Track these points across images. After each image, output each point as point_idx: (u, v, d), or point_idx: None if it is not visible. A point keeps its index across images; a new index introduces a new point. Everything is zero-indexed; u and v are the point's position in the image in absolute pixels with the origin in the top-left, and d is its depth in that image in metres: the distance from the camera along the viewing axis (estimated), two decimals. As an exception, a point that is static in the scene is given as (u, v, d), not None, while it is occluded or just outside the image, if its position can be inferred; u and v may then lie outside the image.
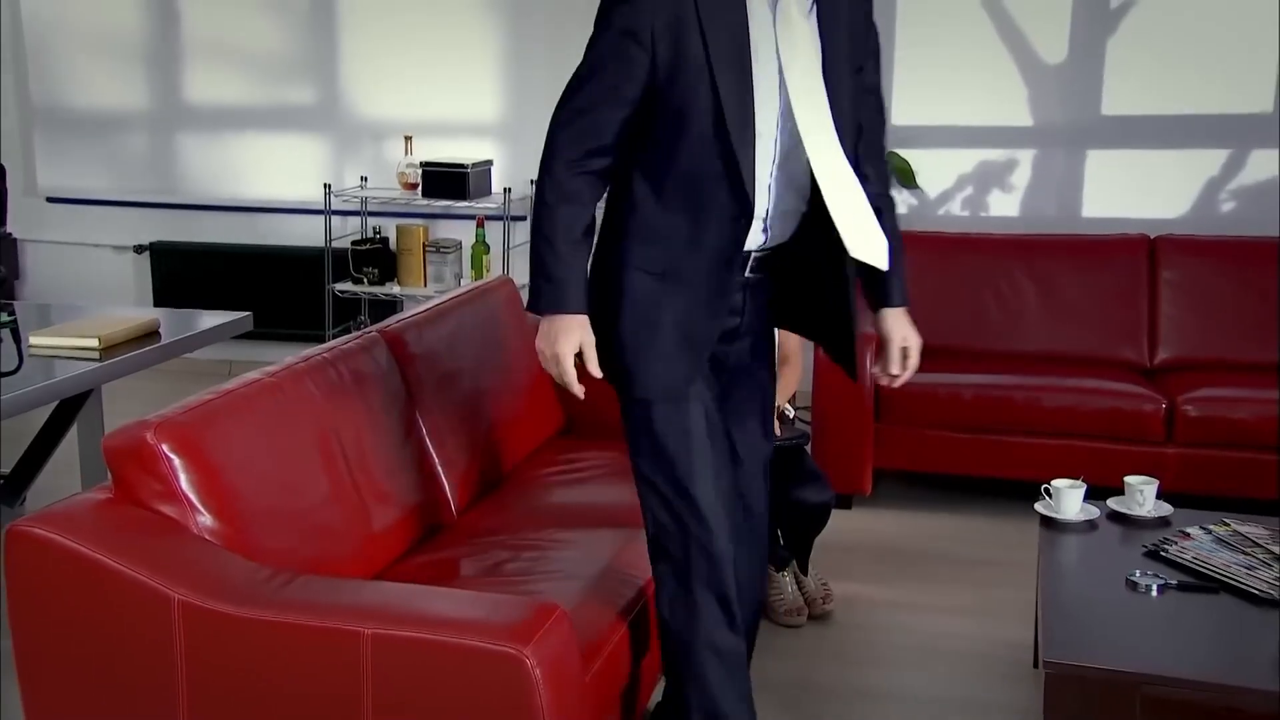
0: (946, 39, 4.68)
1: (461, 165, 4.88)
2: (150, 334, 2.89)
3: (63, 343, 2.72)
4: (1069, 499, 2.69)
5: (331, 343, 2.65)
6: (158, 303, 5.35)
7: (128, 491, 2.03)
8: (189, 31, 5.26)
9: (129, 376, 2.79)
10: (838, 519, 3.86)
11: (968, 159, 4.76)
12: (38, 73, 5.38)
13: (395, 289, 5.09)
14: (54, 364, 2.65)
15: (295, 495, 2.26)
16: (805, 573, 3.25)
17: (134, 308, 4.19)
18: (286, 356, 2.48)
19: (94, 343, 2.70)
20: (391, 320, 2.90)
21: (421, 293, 5.04)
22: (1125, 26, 4.48)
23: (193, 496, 2.04)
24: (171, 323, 3.06)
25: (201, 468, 2.06)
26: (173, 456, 2.03)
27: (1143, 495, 2.70)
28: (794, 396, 3.26)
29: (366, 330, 2.79)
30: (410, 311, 3.00)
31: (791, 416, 3.16)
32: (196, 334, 2.99)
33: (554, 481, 3.02)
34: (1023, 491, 3.87)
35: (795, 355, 3.13)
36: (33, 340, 2.71)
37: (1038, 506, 2.76)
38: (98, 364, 2.64)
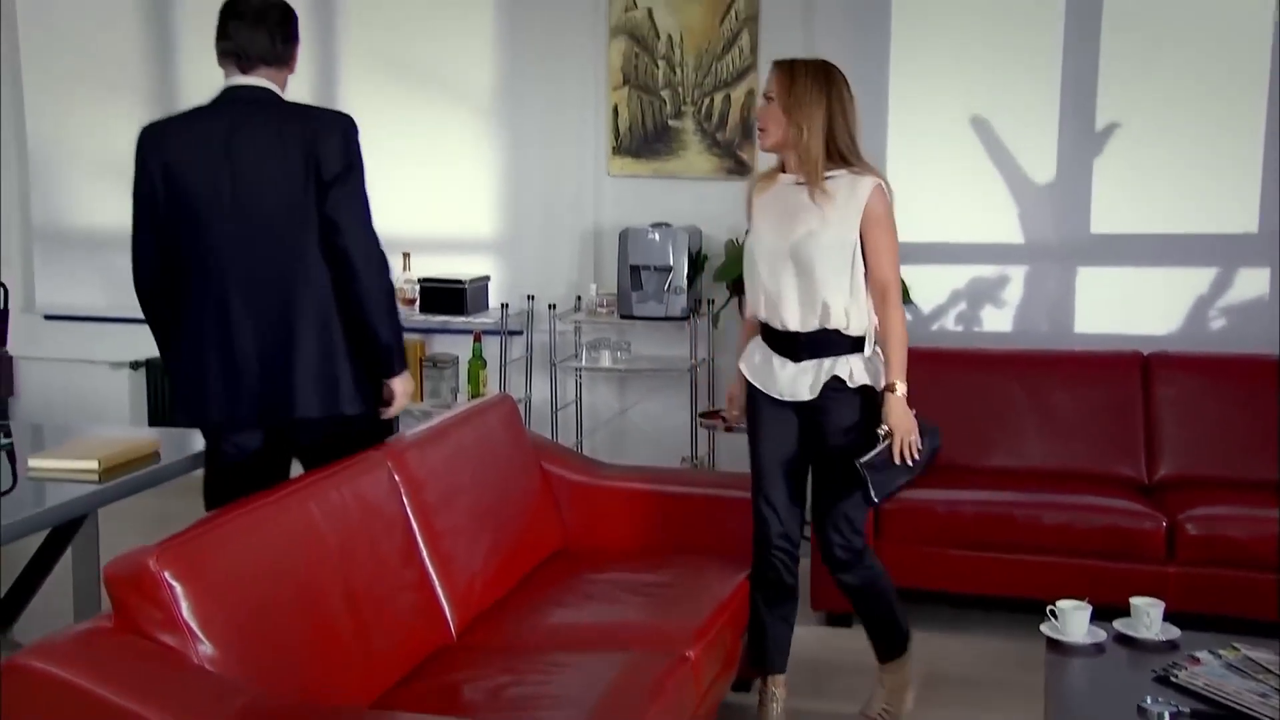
0: (937, 157, 4.78)
1: (459, 281, 4.93)
2: (149, 455, 2.88)
3: (63, 465, 2.70)
4: (1075, 621, 2.67)
5: (333, 464, 2.64)
6: (152, 419, 5.33)
7: (128, 620, 2.01)
8: (192, 151, 5.33)
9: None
10: (834, 637, 3.83)
11: (960, 275, 4.82)
12: (39, 192, 5.45)
13: (391, 404, 5.08)
14: (53, 487, 2.64)
15: (297, 621, 2.23)
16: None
17: (129, 427, 4.18)
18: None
19: (94, 465, 2.69)
20: (393, 440, 2.90)
21: (418, 408, 5.04)
22: (1111, 148, 4.59)
23: (194, 625, 2.01)
24: (170, 443, 3.05)
25: (203, 595, 2.04)
26: (175, 584, 2.01)
27: (1149, 617, 2.68)
28: None
29: (369, 450, 2.78)
30: (411, 431, 3.00)
31: None
32: (195, 454, 2.97)
33: (554, 602, 2.99)
34: (1022, 609, 3.84)
35: None
36: (32, 463, 2.70)
37: (1043, 628, 2.73)
38: (98, 487, 2.63)
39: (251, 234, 2.76)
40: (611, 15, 5.02)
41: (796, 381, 2.97)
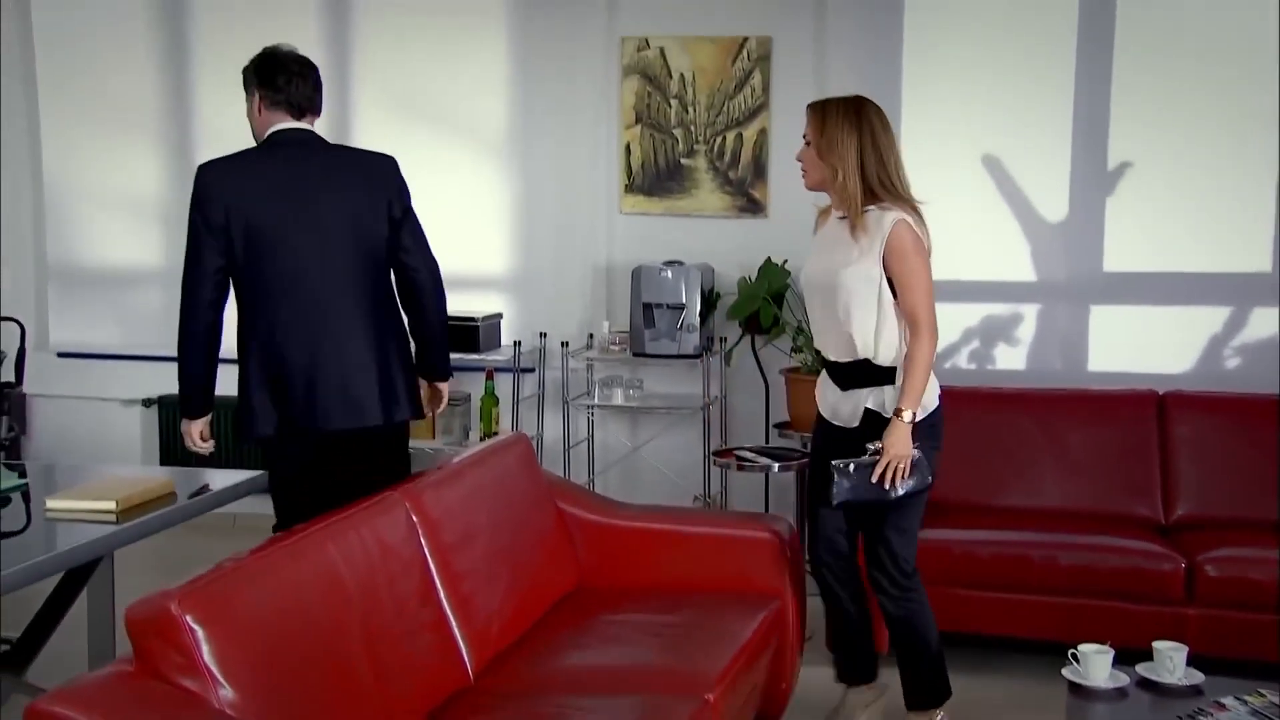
0: (948, 196, 4.77)
1: (472, 318, 4.94)
2: (166, 495, 2.87)
3: (80, 506, 2.70)
4: (1097, 665, 2.65)
5: (351, 505, 2.64)
6: (165, 456, 5.33)
7: (149, 664, 1.99)
8: (206, 189, 5.36)
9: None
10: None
11: (973, 313, 4.82)
12: (54, 229, 5.47)
13: (403, 441, 5.07)
14: (71, 528, 2.63)
15: (317, 664, 2.22)
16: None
17: (142, 465, 4.17)
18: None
19: (111, 505, 2.69)
20: (410, 480, 2.89)
21: (430, 445, 5.03)
22: (1123, 187, 4.60)
23: (215, 669, 2.00)
24: (185, 482, 3.05)
25: (224, 639, 2.03)
26: (196, 628, 2.00)
27: (1172, 662, 2.66)
28: None
29: (386, 491, 2.78)
30: (428, 471, 3.00)
31: None
32: (213, 494, 2.97)
33: (571, 644, 2.97)
34: (1039, 650, 3.82)
35: None
36: (50, 503, 2.69)
37: (1065, 672, 2.71)
38: (116, 528, 2.62)
39: (327, 259, 3.13)
40: (624, 55, 5.05)
41: (841, 408, 3.12)
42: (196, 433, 3.19)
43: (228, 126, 5.32)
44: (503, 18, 5.13)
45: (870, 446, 3.00)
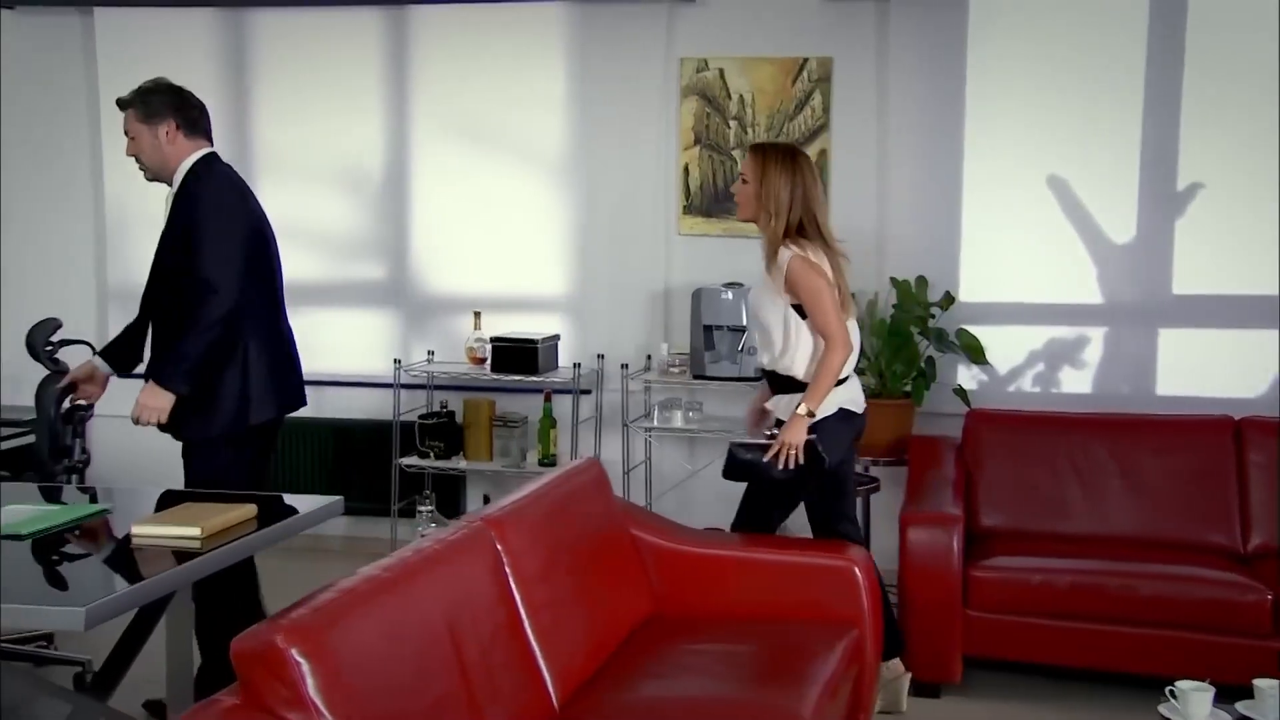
0: (1013, 217, 4.76)
1: (531, 340, 4.93)
2: (248, 522, 2.86)
3: (165, 533, 2.68)
4: (1197, 703, 2.59)
5: (439, 532, 2.62)
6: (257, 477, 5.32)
7: (255, 697, 1.98)
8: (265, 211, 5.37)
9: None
10: (925, 708, 3.74)
11: (1037, 336, 4.77)
12: (115, 252, 5.50)
13: (461, 463, 5.07)
14: (158, 556, 2.62)
15: (414, 696, 2.20)
16: None
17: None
18: (354, 530, 2.44)
19: (196, 532, 2.67)
20: (493, 509, 2.87)
21: (488, 467, 5.02)
22: (1193, 209, 4.54)
23: (319, 702, 1.98)
24: (263, 507, 3.03)
25: (328, 672, 2.01)
26: (301, 661, 1.98)
27: (1276, 701, 2.60)
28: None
29: (471, 519, 2.76)
30: (509, 498, 2.97)
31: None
32: (295, 519, 2.96)
33: (653, 674, 2.92)
34: (1118, 683, 3.75)
35: None
36: (136, 530, 2.68)
37: (1162, 709, 2.65)
38: (202, 556, 2.61)
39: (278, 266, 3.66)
40: (683, 76, 5.05)
41: (779, 410, 3.58)
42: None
43: (285, 150, 5.38)
44: (562, 39, 5.13)
45: (767, 432, 3.53)
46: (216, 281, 3.31)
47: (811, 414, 3.41)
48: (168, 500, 3.16)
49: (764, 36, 4.95)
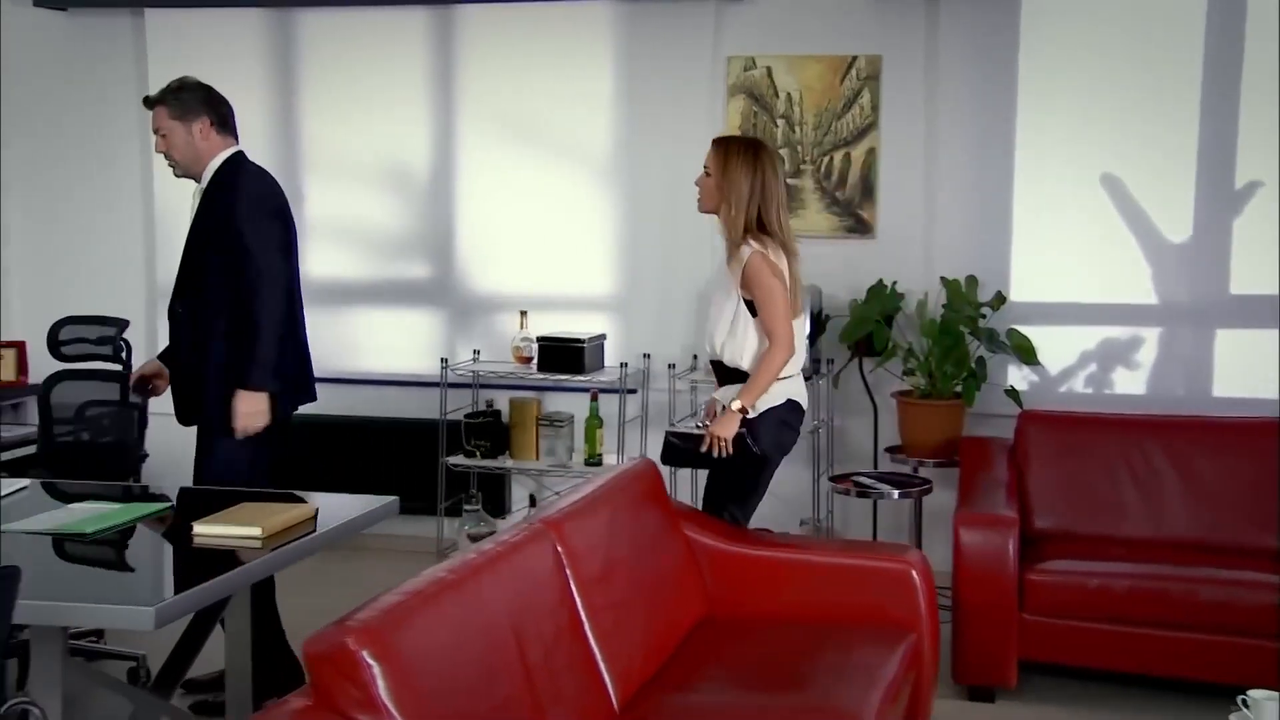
0: (1065, 215, 4.71)
1: (578, 340, 4.92)
2: (308, 521, 2.86)
3: (227, 532, 2.69)
4: (1271, 713, 2.55)
5: (500, 534, 2.62)
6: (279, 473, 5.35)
7: (326, 699, 1.97)
8: (311, 210, 5.41)
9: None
10: (979, 713, 3.71)
11: (1090, 336, 4.72)
12: (164, 251, 5.52)
13: (507, 462, 5.07)
14: (221, 555, 2.62)
15: (480, 697, 2.19)
16: None
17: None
18: (400, 529, 2.42)
19: (257, 532, 2.68)
20: (552, 510, 2.86)
21: (534, 466, 5.02)
22: (1251, 207, 4.48)
23: (390, 704, 1.97)
24: (321, 507, 3.03)
25: (398, 674, 2.00)
26: (372, 663, 1.97)
27: (1353, 708, 2.55)
28: None
29: (531, 520, 2.75)
30: (567, 499, 2.97)
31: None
32: (351, 520, 2.96)
33: (710, 677, 2.91)
34: (1178, 690, 3.70)
35: None
36: (198, 529, 2.69)
37: (1234, 719, 2.60)
38: (263, 557, 2.61)
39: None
40: (730, 74, 5.02)
41: (724, 400, 3.56)
42: None
43: (332, 149, 5.40)
44: (609, 37, 5.12)
45: (700, 423, 3.59)
46: (267, 269, 3.38)
47: (744, 410, 3.42)
48: (185, 498, 3.16)
49: (812, 34, 4.92)
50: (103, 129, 5.59)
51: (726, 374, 3.57)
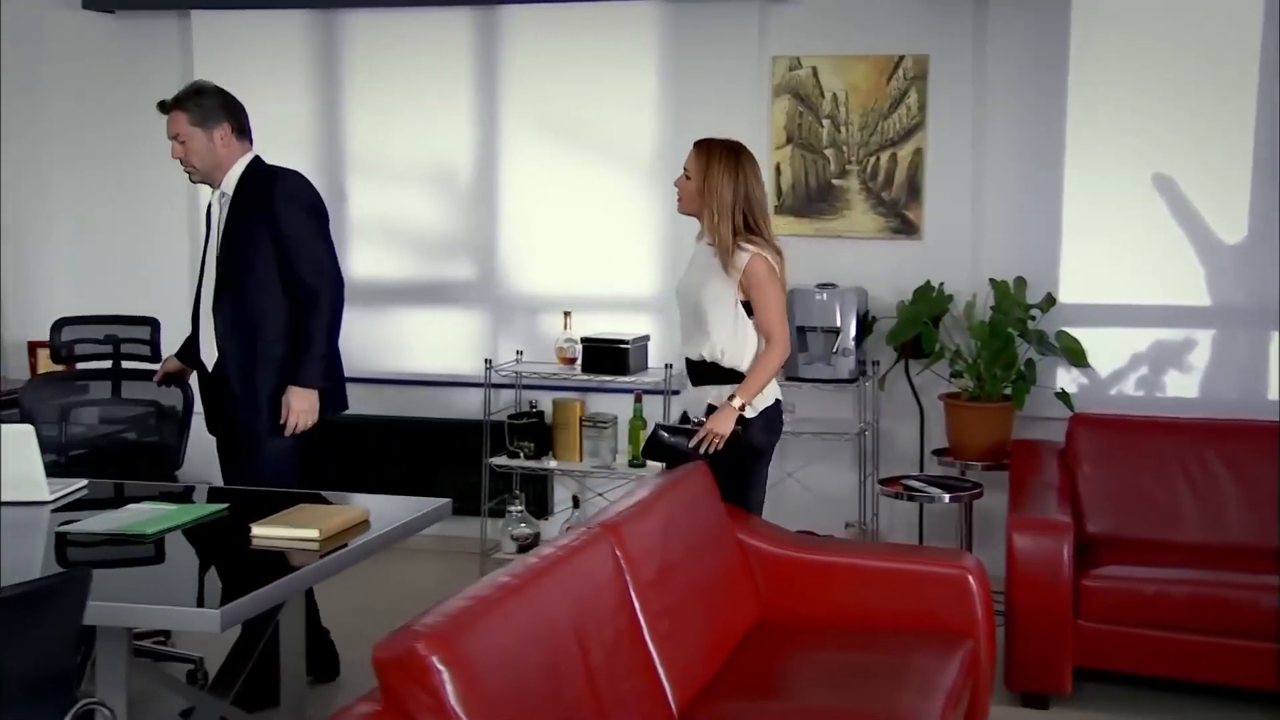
0: (1115, 216, 4.65)
1: (622, 341, 4.90)
2: (362, 524, 2.86)
3: (284, 534, 2.69)
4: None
5: (560, 538, 2.61)
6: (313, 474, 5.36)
7: (396, 704, 1.97)
8: (355, 211, 5.42)
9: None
10: (1030, 717, 3.66)
11: (1141, 338, 4.66)
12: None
13: (551, 463, 5.06)
14: (280, 558, 2.62)
15: (546, 701, 2.18)
16: None
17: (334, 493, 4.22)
18: (444, 529, 2.39)
19: (314, 535, 2.68)
20: (609, 514, 2.85)
21: (578, 467, 5.00)
22: (1309, 207, 4.41)
23: (459, 709, 1.97)
24: (374, 509, 3.03)
25: (467, 678, 1.99)
26: (442, 669, 1.97)
27: None
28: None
29: (590, 524, 2.74)
30: (623, 503, 2.95)
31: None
32: (407, 522, 2.95)
33: (768, 683, 2.90)
34: (1237, 698, 3.65)
35: None
36: (256, 531, 2.69)
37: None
38: (321, 559, 2.61)
39: None
40: (775, 74, 4.99)
41: (700, 402, 3.59)
42: None
43: (376, 149, 5.41)
44: (653, 37, 5.10)
45: (693, 418, 3.55)
46: (331, 272, 3.48)
47: (742, 408, 3.45)
48: (216, 498, 3.15)
49: (858, 34, 4.88)
50: (149, 129, 5.58)
51: (712, 374, 3.58)
